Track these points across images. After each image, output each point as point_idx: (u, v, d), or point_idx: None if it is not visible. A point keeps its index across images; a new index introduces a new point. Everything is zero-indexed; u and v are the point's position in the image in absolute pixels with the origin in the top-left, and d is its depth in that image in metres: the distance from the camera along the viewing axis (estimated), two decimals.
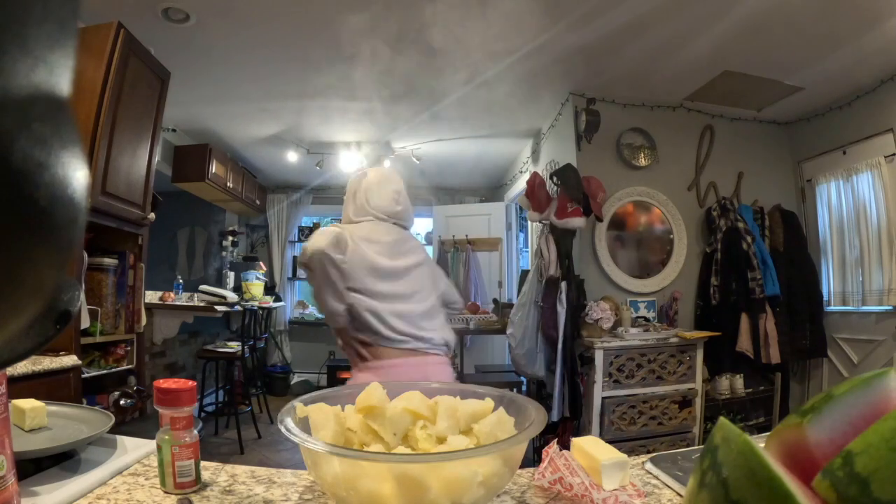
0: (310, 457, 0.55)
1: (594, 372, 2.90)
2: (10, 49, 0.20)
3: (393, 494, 0.51)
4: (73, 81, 0.24)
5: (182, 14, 2.51)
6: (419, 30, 2.58)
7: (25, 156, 0.21)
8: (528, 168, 4.43)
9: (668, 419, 2.97)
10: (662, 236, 3.58)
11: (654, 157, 3.55)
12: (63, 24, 0.23)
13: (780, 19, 2.53)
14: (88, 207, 1.96)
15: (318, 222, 6.22)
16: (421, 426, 0.60)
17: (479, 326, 3.74)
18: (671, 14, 2.51)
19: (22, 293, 0.24)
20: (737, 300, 3.30)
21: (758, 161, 3.73)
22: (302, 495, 0.69)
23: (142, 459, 0.80)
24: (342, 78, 3.13)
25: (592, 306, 3.07)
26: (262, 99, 3.62)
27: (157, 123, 2.47)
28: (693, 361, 3.05)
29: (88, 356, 2.21)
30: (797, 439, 0.34)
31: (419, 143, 4.52)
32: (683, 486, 0.71)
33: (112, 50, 2.07)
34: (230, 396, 4.26)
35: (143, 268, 2.47)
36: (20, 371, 1.55)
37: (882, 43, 2.68)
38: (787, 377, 3.52)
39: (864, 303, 3.24)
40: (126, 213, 2.28)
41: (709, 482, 0.33)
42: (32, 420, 0.85)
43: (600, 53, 2.92)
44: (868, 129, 3.20)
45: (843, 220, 3.39)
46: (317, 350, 5.77)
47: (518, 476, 0.75)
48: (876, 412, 0.31)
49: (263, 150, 4.77)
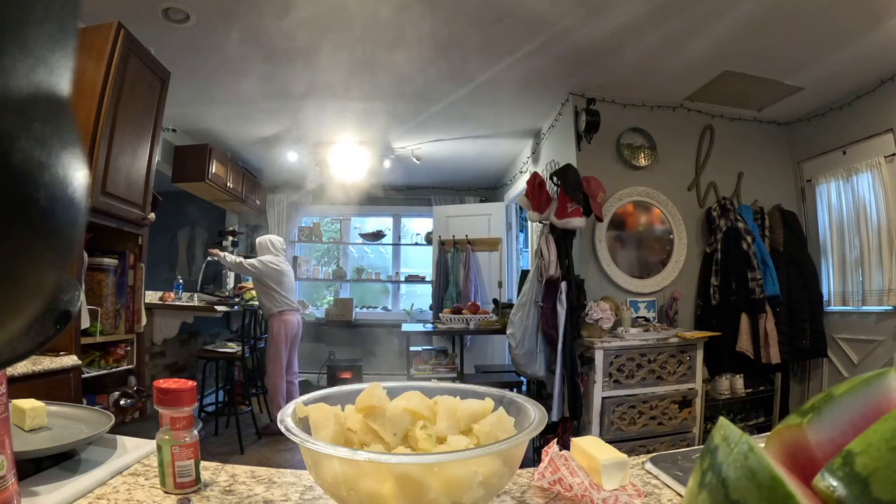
0: (310, 457, 0.55)
1: (594, 372, 2.90)
2: (10, 49, 0.20)
3: (393, 494, 0.51)
4: (73, 81, 0.24)
5: (182, 14, 2.51)
6: (419, 30, 2.58)
7: (25, 156, 0.21)
8: (528, 168, 4.43)
9: (668, 419, 2.98)
10: (662, 236, 3.58)
11: (654, 157, 3.55)
12: (63, 24, 0.23)
13: (780, 19, 2.53)
14: (88, 207, 1.95)
15: (317, 222, 6.23)
16: (421, 426, 0.60)
17: (479, 326, 3.74)
18: (671, 14, 2.51)
19: (22, 293, 0.24)
20: (737, 300, 3.30)
21: (758, 161, 3.73)
22: (302, 495, 0.69)
23: (142, 459, 0.80)
24: (342, 78, 3.13)
25: (592, 306, 3.07)
26: (262, 99, 3.62)
27: (157, 123, 2.47)
28: (693, 361, 3.05)
29: (88, 356, 2.21)
30: (797, 439, 0.34)
31: (419, 143, 4.52)
32: (683, 486, 0.71)
33: (112, 50, 2.07)
34: (230, 396, 4.26)
35: (143, 268, 2.47)
36: (20, 371, 1.55)
37: (882, 43, 2.68)
38: (787, 377, 3.52)
39: (864, 303, 3.24)
40: (126, 213, 2.28)
41: (709, 482, 0.33)
42: (32, 420, 0.85)
43: (600, 53, 2.92)
44: (868, 129, 3.20)
45: (843, 220, 3.39)
46: (317, 350, 5.77)
47: (518, 476, 0.75)
48: (876, 412, 0.31)
49: (263, 150, 4.77)
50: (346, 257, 6.27)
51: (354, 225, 6.27)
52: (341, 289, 6.21)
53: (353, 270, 6.18)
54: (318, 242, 6.28)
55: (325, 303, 6.15)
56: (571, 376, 2.92)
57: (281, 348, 4.04)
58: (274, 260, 4.05)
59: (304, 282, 6.15)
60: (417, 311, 5.91)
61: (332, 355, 5.77)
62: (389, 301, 6.19)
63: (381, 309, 6.11)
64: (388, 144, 4.54)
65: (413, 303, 6.04)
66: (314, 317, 5.81)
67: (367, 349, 5.83)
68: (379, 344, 5.81)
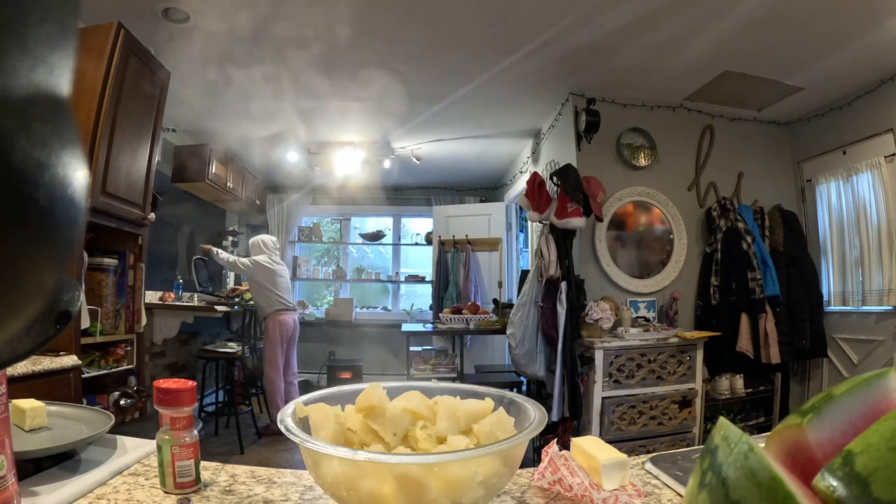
0: (310, 457, 0.55)
1: (594, 372, 2.90)
2: (10, 49, 0.20)
3: (393, 494, 0.51)
4: (73, 81, 0.24)
5: (182, 14, 2.51)
6: (419, 30, 2.58)
7: (25, 156, 0.21)
8: (528, 168, 4.43)
9: (668, 419, 2.98)
10: (662, 236, 3.58)
11: (654, 157, 3.55)
12: (63, 24, 0.23)
13: (780, 19, 2.53)
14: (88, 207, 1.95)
15: (317, 222, 6.23)
16: (421, 426, 0.60)
17: (479, 326, 3.74)
18: (671, 14, 2.50)
19: (22, 293, 0.24)
20: (737, 300, 3.30)
21: (758, 161, 3.73)
22: (302, 495, 0.69)
23: (142, 459, 0.80)
24: (342, 78, 3.13)
25: (592, 306, 3.07)
26: (262, 99, 3.62)
27: (157, 123, 2.47)
28: (693, 361, 3.05)
29: (88, 356, 2.21)
30: (797, 439, 0.34)
31: (419, 143, 4.52)
32: (683, 486, 0.71)
33: (112, 50, 2.07)
34: (230, 396, 4.26)
35: (143, 268, 2.47)
36: (20, 371, 1.55)
37: (882, 43, 2.68)
38: (787, 377, 3.52)
39: (864, 303, 3.24)
40: (126, 213, 2.28)
41: (709, 482, 0.33)
42: (32, 420, 0.85)
43: (600, 53, 2.92)
44: (868, 129, 3.20)
45: (843, 220, 3.39)
46: (317, 350, 5.76)
47: (518, 476, 0.75)
48: (876, 412, 0.31)
49: (263, 150, 4.77)
50: (346, 257, 6.27)
51: (354, 225, 6.27)
52: (341, 289, 6.21)
53: (353, 270, 6.18)
54: (318, 242, 6.28)
55: (325, 303, 6.15)
56: (571, 376, 2.92)
57: (277, 348, 4.03)
58: (266, 260, 4.05)
59: (304, 282, 6.15)
60: (417, 311, 5.91)
61: (332, 355, 5.77)
62: (389, 301, 6.19)
63: (381, 309, 6.11)
64: (388, 144, 4.54)
65: (413, 303, 6.04)
66: (314, 317, 5.81)
67: (367, 349, 5.83)
68: (379, 344, 5.81)
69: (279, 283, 4.08)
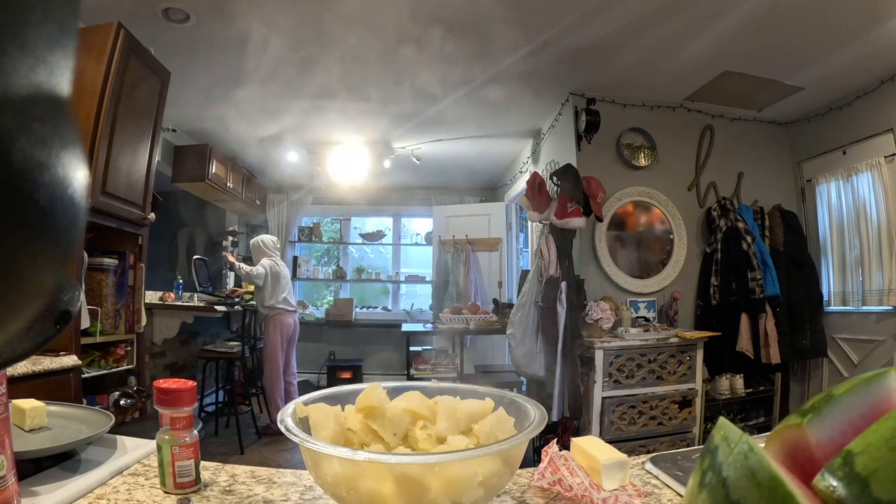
0: (310, 457, 0.55)
1: (594, 372, 2.90)
2: (10, 49, 0.20)
3: (393, 494, 0.51)
4: (73, 81, 0.24)
5: (182, 14, 2.51)
6: (419, 30, 2.58)
7: (25, 156, 0.21)
8: (528, 168, 4.43)
9: (668, 419, 2.97)
10: (662, 236, 3.58)
11: (654, 157, 3.55)
12: (63, 24, 0.23)
13: (780, 19, 2.52)
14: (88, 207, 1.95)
15: (317, 222, 6.23)
16: (421, 426, 0.60)
17: (479, 326, 3.73)
18: (671, 14, 2.50)
19: (22, 293, 0.24)
20: (737, 300, 3.30)
21: (758, 161, 3.73)
22: (302, 495, 0.69)
23: (142, 459, 0.80)
24: (342, 78, 3.13)
25: (592, 306, 3.07)
26: (262, 99, 3.62)
27: (157, 123, 2.46)
28: (693, 361, 3.05)
29: (88, 356, 2.21)
30: (797, 439, 0.34)
31: (419, 143, 4.52)
32: (683, 486, 0.71)
33: (112, 50, 2.07)
34: (230, 396, 4.26)
35: (143, 268, 2.47)
36: (20, 371, 1.55)
37: (882, 43, 2.68)
38: (787, 377, 3.52)
39: (864, 303, 3.24)
40: (126, 213, 2.28)
41: (709, 482, 0.33)
42: (32, 420, 0.85)
43: (600, 53, 2.92)
44: (868, 129, 3.20)
45: (843, 220, 3.39)
46: (317, 350, 5.76)
47: (518, 476, 0.75)
48: (876, 412, 0.31)
49: (263, 150, 4.77)
50: (347, 257, 6.27)
51: (354, 225, 6.27)
52: (341, 289, 6.21)
53: (353, 270, 6.18)
54: (318, 242, 6.28)
55: (325, 303, 6.15)
56: (571, 376, 2.92)
57: (277, 349, 4.04)
58: (271, 263, 4.08)
59: (304, 282, 6.15)
60: (417, 311, 5.91)
61: (332, 355, 5.77)
62: (389, 301, 6.19)
63: (381, 309, 6.11)
64: (388, 144, 4.54)
65: (413, 303, 6.04)
66: (314, 317, 5.81)
67: (367, 349, 5.83)
68: (379, 344, 5.81)
69: (282, 285, 4.10)
